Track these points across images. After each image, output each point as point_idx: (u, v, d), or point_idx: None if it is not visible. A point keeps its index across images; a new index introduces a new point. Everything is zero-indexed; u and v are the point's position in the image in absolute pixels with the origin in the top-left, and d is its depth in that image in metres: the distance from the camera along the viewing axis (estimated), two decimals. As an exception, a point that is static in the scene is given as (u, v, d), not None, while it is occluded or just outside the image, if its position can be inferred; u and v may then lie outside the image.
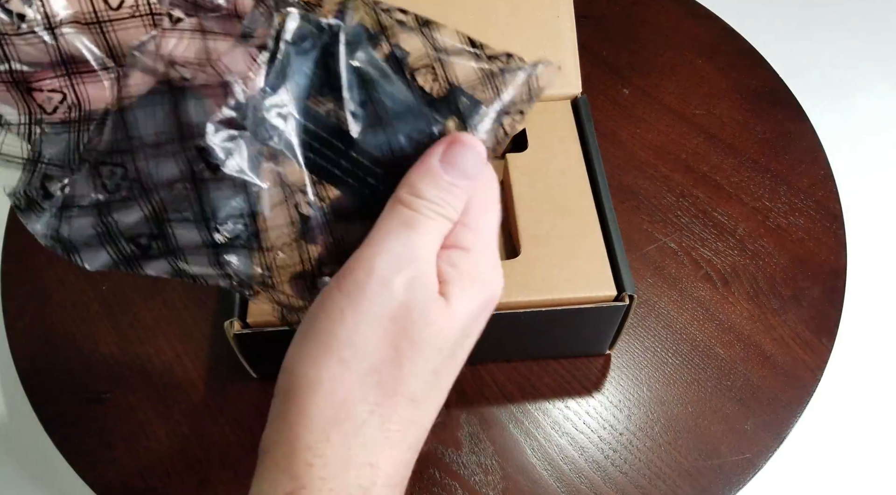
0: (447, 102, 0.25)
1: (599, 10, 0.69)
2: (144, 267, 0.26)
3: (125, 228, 0.25)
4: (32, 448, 0.50)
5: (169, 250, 0.25)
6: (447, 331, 0.26)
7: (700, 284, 0.52)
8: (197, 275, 0.26)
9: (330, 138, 0.25)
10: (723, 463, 0.45)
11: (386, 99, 0.25)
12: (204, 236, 0.25)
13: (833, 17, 0.76)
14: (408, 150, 0.25)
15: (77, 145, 0.25)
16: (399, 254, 0.25)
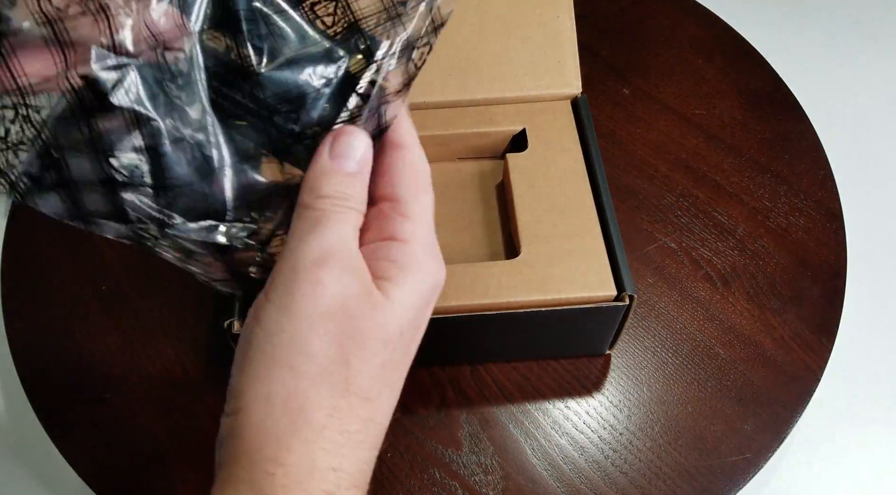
0: (349, 38, 0.25)
1: (599, 10, 0.69)
2: (38, 202, 0.24)
3: (21, 163, 0.23)
4: (32, 448, 0.50)
5: (62, 182, 0.23)
6: (391, 323, 0.25)
7: (700, 284, 0.52)
8: (94, 214, 0.24)
9: (230, 75, 0.24)
10: (723, 463, 0.45)
11: (286, 36, 0.24)
12: (97, 170, 0.23)
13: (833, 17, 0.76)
14: (313, 88, 0.25)
15: None
16: (318, 251, 0.24)
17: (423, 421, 0.46)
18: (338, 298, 0.24)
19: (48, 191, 0.23)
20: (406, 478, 0.44)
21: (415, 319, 0.26)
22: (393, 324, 0.25)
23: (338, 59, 0.25)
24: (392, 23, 0.25)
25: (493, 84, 0.50)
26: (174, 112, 0.23)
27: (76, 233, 0.56)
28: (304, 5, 0.24)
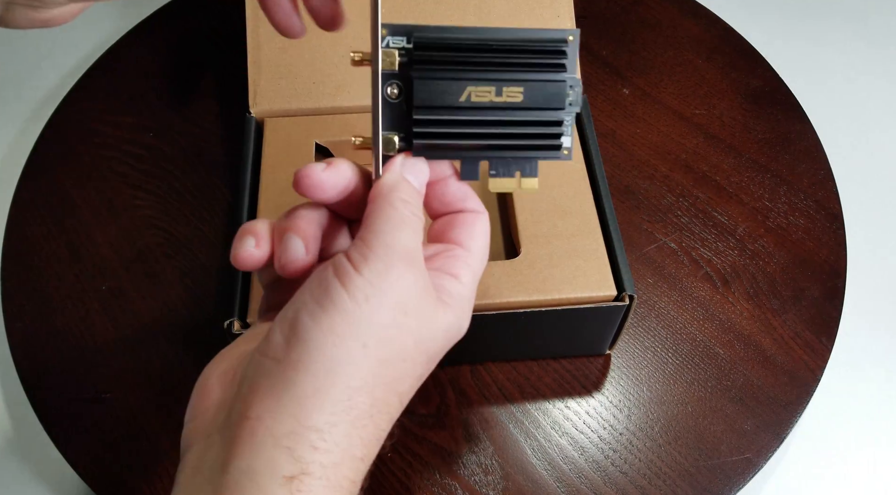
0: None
1: (599, 10, 0.69)
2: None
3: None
4: (32, 448, 0.50)
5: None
6: (440, 339, 0.27)
7: (700, 284, 0.52)
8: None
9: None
10: (723, 463, 0.45)
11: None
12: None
13: (833, 17, 0.76)
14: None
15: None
16: (408, 246, 0.26)
17: (423, 421, 0.46)
18: (416, 295, 0.25)
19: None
20: (406, 478, 0.44)
21: (443, 348, 0.28)
22: (439, 342, 0.27)
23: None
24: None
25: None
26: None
27: (76, 232, 0.56)
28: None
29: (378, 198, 0.27)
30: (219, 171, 0.59)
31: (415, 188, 0.28)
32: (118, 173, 0.59)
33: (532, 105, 0.28)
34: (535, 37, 0.27)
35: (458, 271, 0.28)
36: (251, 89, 0.50)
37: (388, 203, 0.27)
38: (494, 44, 0.27)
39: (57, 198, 0.58)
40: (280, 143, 0.48)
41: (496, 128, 0.28)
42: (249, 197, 0.46)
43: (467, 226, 0.29)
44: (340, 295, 0.24)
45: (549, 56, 0.28)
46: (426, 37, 0.27)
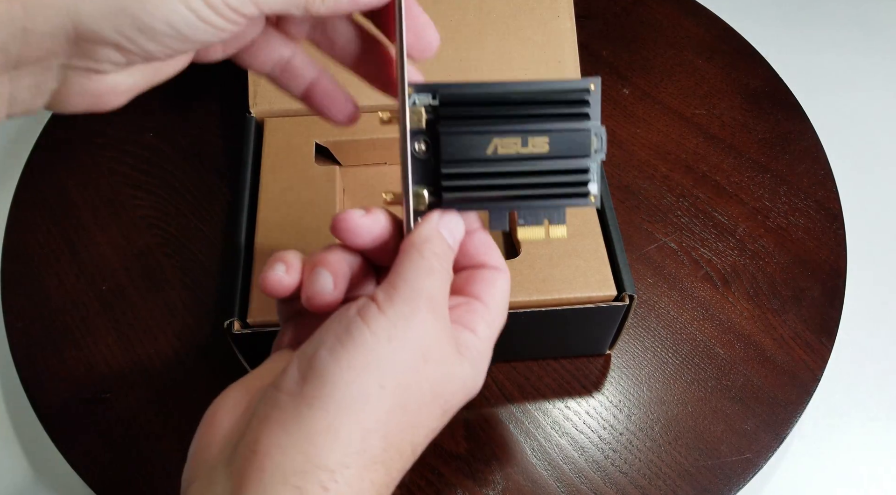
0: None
1: (599, 10, 0.69)
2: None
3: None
4: (32, 448, 0.50)
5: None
6: (457, 391, 0.27)
7: (700, 284, 0.52)
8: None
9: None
10: (723, 463, 0.45)
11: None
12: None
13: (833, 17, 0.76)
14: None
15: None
16: (435, 296, 0.26)
17: (423, 421, 0.46)
18: (437, 343, 0.25)
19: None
20: (406, 478, 0.44)
21: (459, 402, 0.27)
22: (458, 393, 0.27)
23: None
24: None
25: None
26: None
27: (76, 232, 0.56)
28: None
29: (410, 247, 0.27)
30: (219, 171, 0.59)
31: (448, 243, 0.28)
32: (118, 173, 0.59)
33: (558, 154, 0.28)
34: (558, 88, 0.28)
35: (476, 325, 0.28)
36: (251, 89, 0.50)
37: (419, 252, 0.27)
38: (517, 96, 0.28)
39: (57, 198, 0.58)
40: (280, 143, 0.48)
41: (523, 178, 0.28)
42: (249, 197, 0.46)
43: (488, 283, 0.29)
44: (362, 331, 0.24)
45: (572, 106, 0.28)
46: (451, 93, 0.28)
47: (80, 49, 0.23)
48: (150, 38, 0.23)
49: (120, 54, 0.24)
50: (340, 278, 0.28)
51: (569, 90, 0.28)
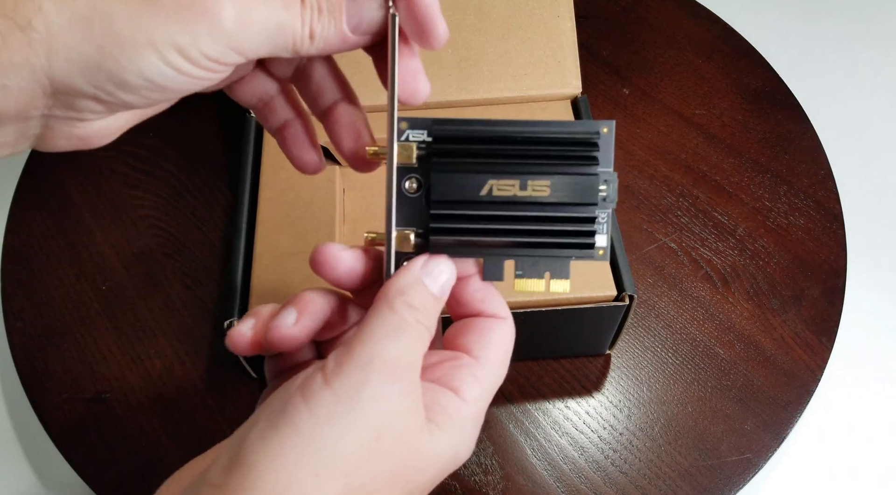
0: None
1: (599, 10, 0.69)
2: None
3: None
4: (32, 448, 0.50)
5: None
6: (427, 468, 0.24)
7: (700, 284, 0.52)
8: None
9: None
10: (723, 463, 0.45)
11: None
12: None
13: (833, 18, 0.76)
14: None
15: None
16: (394, 358, 0.22)
17: (423, 421, 0.46)
18: (396, 420, 0.22)
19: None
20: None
21: (433, 479, 0.24)
22: (429, 470, 0.24)
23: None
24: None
25: (493, 84, 0.50)
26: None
27: (76, 232, 0.56)
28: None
29: (381, 300, 0.24)
30: (219, 171, 0.59)
31: (431, 293, 0.25)
32: (118, 173, 0.59)
33: (560, 200, 0.26)
34: (566, 130, 0.26)
35: (461, 384, 0.25)
36: (251, 89, 0.50)
37: (389, 306, 0.24)
38: (519, 136, 0.26)
39: (57, 198, 0.58)
40: (280, 143, 0.48)
41: (520, 224, 0.26)
42: (249, 197, 0.46)
43: (482, 332, 0.26)
44: (299, 411, 0.21)
45: (579, 148, 0.26)
46: (446, 130, 0.26)
47: (58, 101, 0.23)
48: (129, 91, 0.23)
49: (99, 105, 0.23)
50: (307, 316, 0.26)
51: (577, 132, 0.26)
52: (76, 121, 0.24)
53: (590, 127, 0.26)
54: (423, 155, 0.26)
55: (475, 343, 0.26)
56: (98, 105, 0.23)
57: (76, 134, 0.25)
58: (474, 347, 0.26)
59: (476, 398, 0.25)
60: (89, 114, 0.24)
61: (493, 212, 0.26)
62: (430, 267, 0.26)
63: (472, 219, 0.26)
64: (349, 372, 0.22)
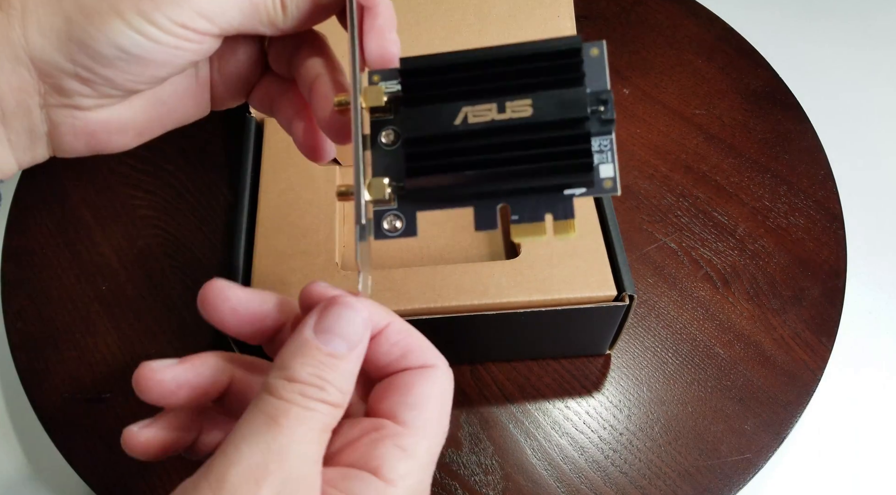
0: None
1: (599, 10, 0.69)
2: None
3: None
4: (32, 448, 0.50)
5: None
6: None
7: (700, 284, 0.52)
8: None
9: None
10: (723, 463, 0.45)
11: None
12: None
13: (833, 17, 0.76)
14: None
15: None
16: (258, 465, 0.19)
17: (423, 421, 0.46)
18: None
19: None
20: (406, 478, 0.44)
21: None
22: None
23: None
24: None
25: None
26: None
27: (76, 232, 0.56)
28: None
29: (261, 387, 0.20)
30: (219, 171, 0.59)
31: (328, 354, 0.21)
32: (118, 173, 0.59)
33: (546, 119, 0.22)
34: (544, 44, 0.23)
35: (382, 462, 0.20)
36: (251, 89, 0.50)
37: (266, 387, 0.20)
38: (492, 57, 0.23)
39: (57, 198, 0.58)
40: (280, 143, 0.48)
41: (503, 152, 0.22)
42: (249, 197, 0.46)
43: (406, 390, 0.22)
44: None
45: (561, 61, 0.23)
46: (413, 63, 0.23)
47: (47, 85, 0.23)
48: (105, 64, 0.23)
49: (86, 86, 0.24)
50: (166, 403, 0.23)
51: (557, 44, 0.23)
52: (74, 109, 0.24)
53: (570, 40, 0.23)
54: (396, 100, 0.24)
55: (399, 404, 0.22)
56: (84, 86, 0.23)
57: (81, 128, 0.25)
58: (399, 410, 0.22)
59: (405, 474, 0.21)
60: (80, 98, 0.24)
61: (472, 143, 0.22)
62: (327, 318, 0.21)
63: (449, 153, 0.22)
64: (200, 489, 0.19)
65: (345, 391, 0.21)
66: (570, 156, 0.22)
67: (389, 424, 0.22)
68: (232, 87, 0.28)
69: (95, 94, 0.24)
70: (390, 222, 0.23)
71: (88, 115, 0.25)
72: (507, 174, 0.22)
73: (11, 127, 0.24)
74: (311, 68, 0.26)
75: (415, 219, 0.24)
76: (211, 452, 0.24)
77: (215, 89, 0.28)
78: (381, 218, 0.23)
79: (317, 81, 0.26)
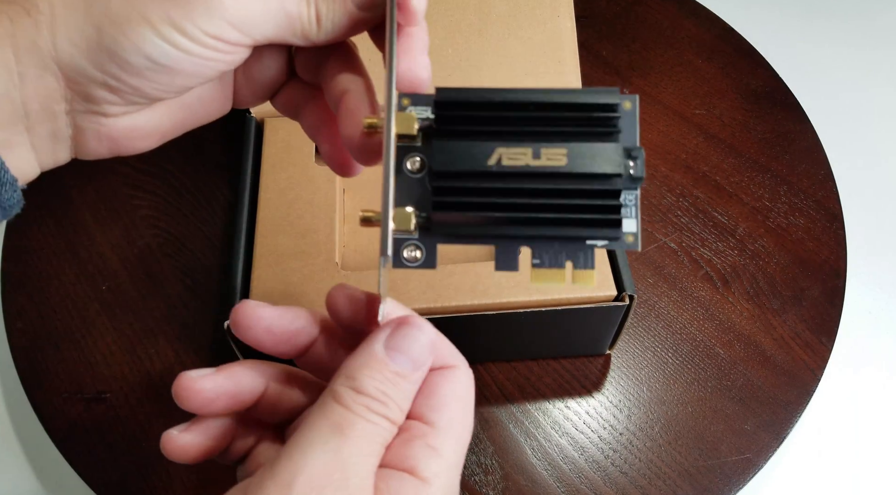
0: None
1: (599, 10, 0.69)
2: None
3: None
4: (32, 448, 0.50)
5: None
6: None
7: (700, 284, 0.52)
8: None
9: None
10: (723, 463, 0.45)
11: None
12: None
13: (833, 18, 0.76)
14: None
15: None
16: (324, 473, 0.19)
17: (423, 421, 0.46)
18: None
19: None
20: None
21: None
22: None
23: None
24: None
25: (493, 84, 0.50)
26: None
27: (76, 232, 0.56)
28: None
29: (325, 393, 0.21)
30: (219, 171, 0.59)
31: (395, 372, 0.21)
32: (118, 173, 0.59)
33: (579, 170, 0.22)
34: (583, 95, 0.23)
35: (416, 462, 0.21)
36: (251, 89, 0.50)
37: (333, 395, 0.21)
38: (531, 102, 0.23)
39: (57, 198, 0.58)
40: (280, 143, 0.48)
41: (535, 198, 0.22)
42: (249, 197, 0.46)
43: (430, 391, 0.23)
44: None
45: (599, 114, 0.23)
46: (449, 95, 0.23)
47: (74, 92, 0.23)
48: (134, 73, 0.22)
49: (113, 94, 0.23)
50: (197, 426, 0.24)
51: (596, 98, 0.23)
52: (100, 116, 0.24)
53: (609, 93, 0.23)
54: (426, 128, 0.24)
55: (424, 405, 0.22)
56: (112, 94, 0.23)
57: (105, 133, 0.25)
58: (425, 411, 0.22)
59: (437, 473, 0.21)
60: (107, 106, 0.24)
61: (503, 185, 0.22)
62: (397, 336, 0.22)
63: (479, 192, 0.22)
64: (268, 490, 0.19)
65: (404, 409, 0.22)
66: (600, 210, 0.23)
67: (418, 424, 0.22)
68: (256, 90, 0.28)
69: (122, 102, 0.24)
70: (410, 252, 0.23)
71: (113, 121, 0.24)
72: (537, 220, 0.23)
73: (35, 132, 0.24)
74: (341, 82, 0.26)
75: (435, 251, 0.23)
76: (242, 457, 0.26)
77: (238, 91, 0.28)
78: (401, 247, 0.23)
79: (345, 97, 0.25)
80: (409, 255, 0.23)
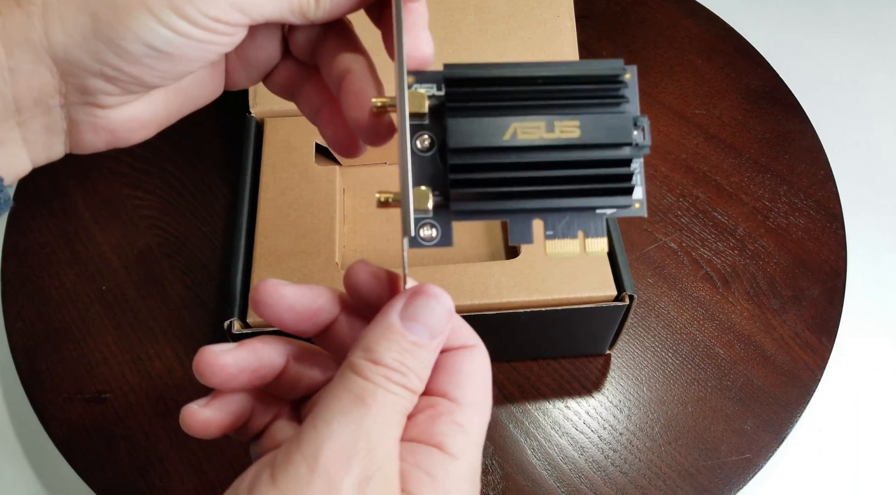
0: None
1: (599, 10, 0.69)
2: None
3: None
4: (32, 448, 0.50)
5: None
6: None
7: (700, 284, 0.52)
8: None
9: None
10: (723, 463, 0.45)
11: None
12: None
13: (833, 17, 0.76)
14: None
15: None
16: (349, 443, 0.19)
17: (423, 421, 0.46)
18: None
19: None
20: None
21: None
22: None
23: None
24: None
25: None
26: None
27: (76, 232, 0.56)
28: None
29: (344, 365, 0.21)
30: (219, 171, 0.59)
31: (412, 342, 0.21)
32: (118, 173, 0.59)
33: (592, 141, 0.23)
34: (589, 67, 0.23)
35: (444, 437, 0.21)
36: (251, 89, 0.50)
37: (352, 367, 0.21)
38: (540, 76, 0.23)
39: (57, 198, 0.58)
40: (280, 143, 0.48)
41: (551, 171, 0.23)
42: (249, 197, 0.46)
43: (453, 368, 0.23)
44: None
45: (606, 86, 0.23)
46: (459, 72, 0.23)
47: (70, 85, 0.22)
48: (132, 62, 0.22)
49: (111, 84, 0.23)
50: (218, 402, 0.24)
51: (601, 69, 0.23)
52: (96, 107, 0.23)
53: (613, 64, 0.24)
54: (434, 106, 0.23)
55: (448, 383, 0.23)
56: (109, 84, 0.23)
57: (102, 125, 0.24)
58: (449, 388, 0.23)
59: (464, 449, 0.22)
60: (104, 96, 0.23)
61: (521, 159, 0.23)
62: (413, 305, 0.22)
63: (497, 168, 0.23)
64: (295, 466, 0.19)
65: (423, 378, 0.22)
66: (613, 179, 0.23)
67: (443, 401, 0.22)
68: (249, 71, 0.27)
69: (119, 92, 0.23)
70: (426, 231, 0.23)
71: (110, 113, 0.24)
72: (553, 192, 0.23)
73: (28, 127, 0.23)
74: (341, 62, 0.25)
75: (450, 229, 0.23)
76: (259, 433, 0.26)
77: (231, 71, 0.27)
78: (417, 226, 0.23)
79: (348, 78, 0.25)
80: (426, 234, 0.23)
